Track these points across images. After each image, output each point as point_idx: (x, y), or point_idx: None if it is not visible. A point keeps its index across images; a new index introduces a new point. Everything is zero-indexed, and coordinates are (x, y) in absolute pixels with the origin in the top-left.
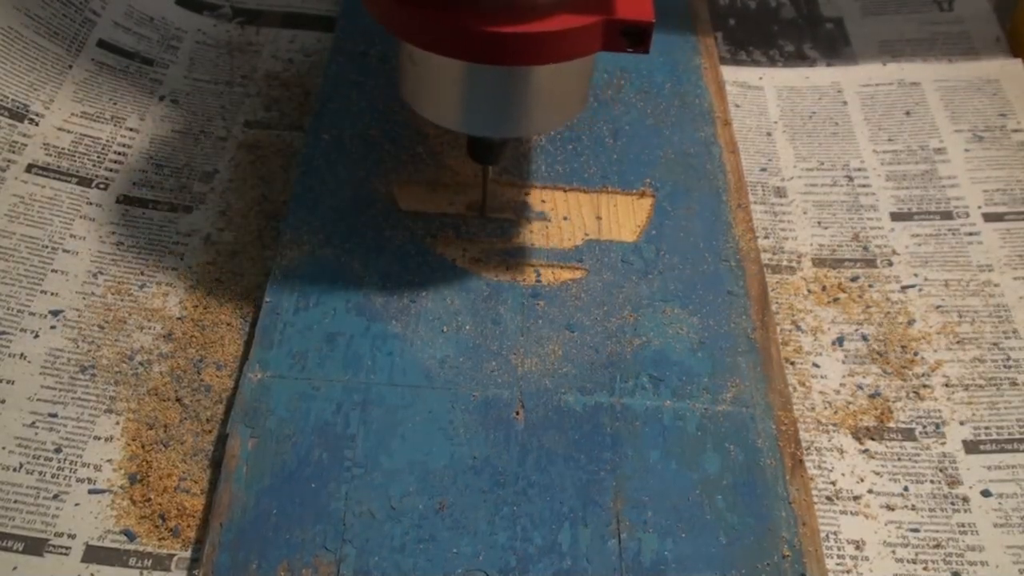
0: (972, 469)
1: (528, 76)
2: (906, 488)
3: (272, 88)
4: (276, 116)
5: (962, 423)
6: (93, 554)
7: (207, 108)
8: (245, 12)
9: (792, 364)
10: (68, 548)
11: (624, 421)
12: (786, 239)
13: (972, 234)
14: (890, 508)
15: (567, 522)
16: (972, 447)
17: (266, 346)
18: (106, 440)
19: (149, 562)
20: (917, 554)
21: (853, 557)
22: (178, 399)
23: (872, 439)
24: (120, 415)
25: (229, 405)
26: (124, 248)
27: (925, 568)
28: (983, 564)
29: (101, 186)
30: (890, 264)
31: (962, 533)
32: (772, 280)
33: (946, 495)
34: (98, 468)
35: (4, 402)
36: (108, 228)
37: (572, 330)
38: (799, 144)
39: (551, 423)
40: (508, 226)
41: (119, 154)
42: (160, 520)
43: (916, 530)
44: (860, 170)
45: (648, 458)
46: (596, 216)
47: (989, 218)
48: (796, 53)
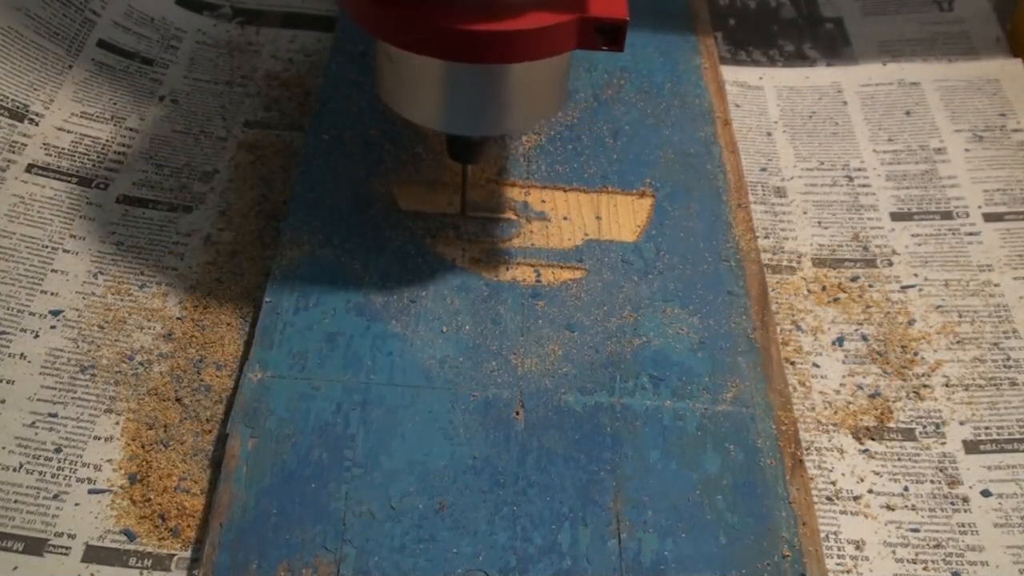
0: (972, 469)
1: (504, 74)
2: (906, 488)
3: (272, 88)
4: (276, 116)
5: (962, 423)
6: (93, 554)
7: (207, 108)
8: (245, 12)
9: (792, 364)
10: (68, 548)
11: (624, 421)
12: (786, 239)
13: (972, 234)
14: (890, 508)
15: (567, 522)
16: (972, 447)
17: (266, 346)
18: (106, 440)
19: (149, 562)
20: (917, 554)
21: (853, 557)
22: (178, 399)
23: (872, 439)
24: (120, 415)
25: (229, 405)
26: (124, 248)
27: (925, 568)
28: (983, 564)
29: (101, 186)
30: (890, 264)
31: (962, 533)
32: (772, 280)
33: (946, 495)
34: (98, 468)
35: (4, 402)
36: (108, 228)
37: (572, 330)
38: (799, 144)
39: (551, 423)
40: (508, 226)
41: (119, 154)
42: (160, 520)
43: (916, 530)
44: (860, 170)
45: (648, 458)
46: (596, 216)
47: (989, 218)
48: (796, 53)
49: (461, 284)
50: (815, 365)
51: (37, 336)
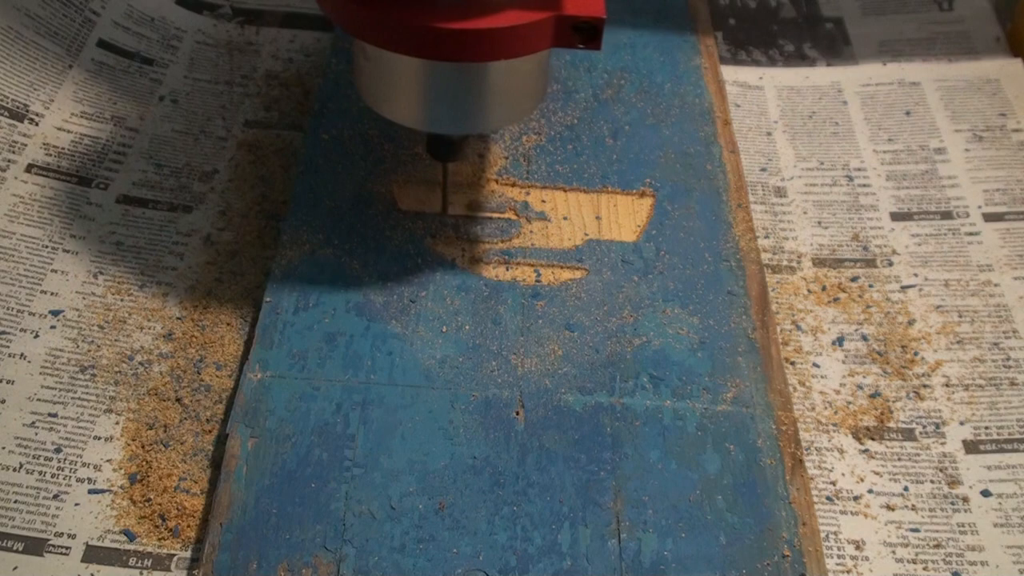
0: (972, 469)
1: (481, 72)
2: (906, 488)
3: (272, 88)
4: (276, 116)
5: (962, 423)
6: (93, 554)
7: (207, 108)
8: (245, 12)
9: (792, 364)
10: (68, 548)
11: (624, 421)
12: (786, 239)
13: (972, 234)
14: (890, 508)
15: (567, 522)
16: (972, 447)
17: (266, 346)
18: (106, 440)
19: (149, 562)
20: (917, 554)
21: (853, 557)
22: (178, 399)
23: (872, 439)
24: (120, 415)
25: (229, 405)
26: (124, 248)
27: (925, 568)
28: (983, 564)
29: (101, 186)
30: (890, 264)
31: (962, 533)
32: (772, 280)
33: (946, 495)
34: (98, 468)
35: (4, 402)
36: (108, 228)
37: (572, 330)
38: (799, 144)
39: (551, 423)
40: (508, 226)
41: (119, 154)
42: (160, 520)
43: (916, 530)
44: (860, 170)
45: (648, 458)
46: (596, 216)
47: (989, 218)
48: (796, 53)
49: (461, 284)
50: (815, 365)
51: (37, 336)
